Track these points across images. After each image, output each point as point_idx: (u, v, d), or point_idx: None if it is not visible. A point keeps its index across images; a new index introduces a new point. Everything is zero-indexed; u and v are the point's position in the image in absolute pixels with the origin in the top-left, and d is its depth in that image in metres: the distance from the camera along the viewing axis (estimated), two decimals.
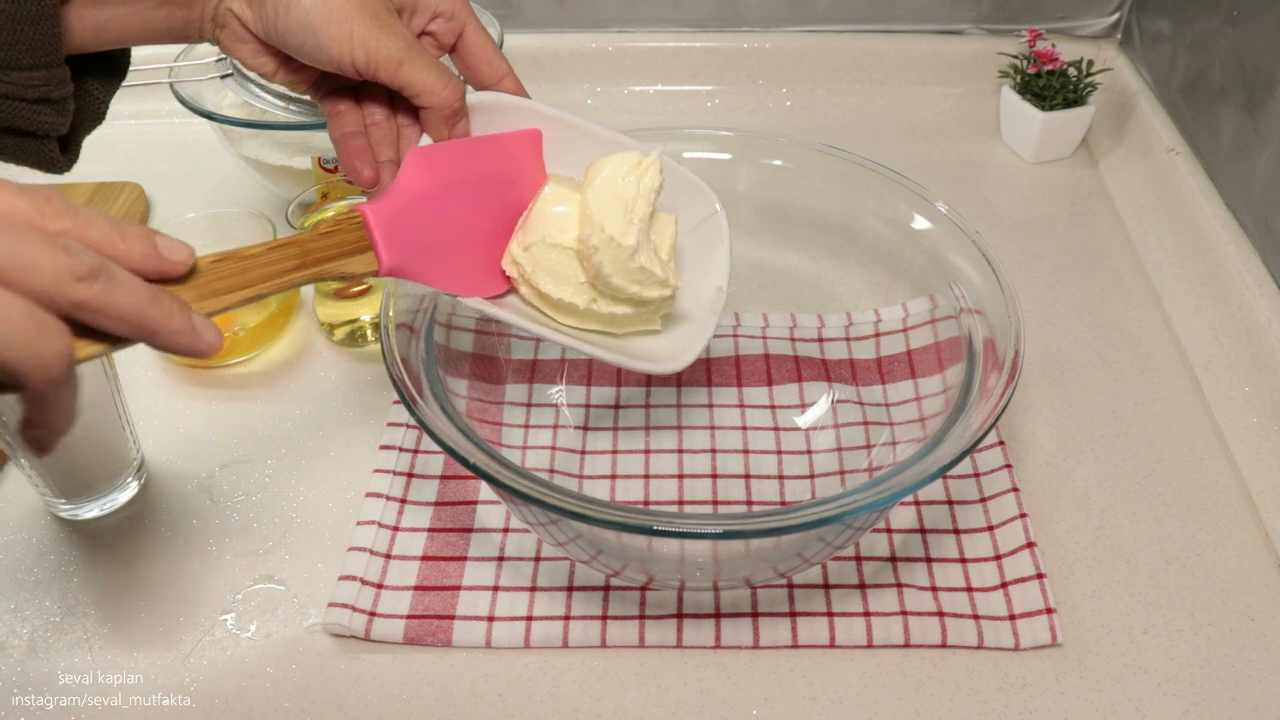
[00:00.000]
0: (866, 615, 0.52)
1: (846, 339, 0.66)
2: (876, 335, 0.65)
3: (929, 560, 0.55)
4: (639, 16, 0.95)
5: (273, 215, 0.74)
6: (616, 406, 0.64)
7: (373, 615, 0.53)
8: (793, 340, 0.67)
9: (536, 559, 0.56)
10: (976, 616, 0.52)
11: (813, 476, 0.60)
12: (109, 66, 0.46)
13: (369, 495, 0.58)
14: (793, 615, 0.52)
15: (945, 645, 0.51)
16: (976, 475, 0.59)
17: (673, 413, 0.64)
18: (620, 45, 0.96)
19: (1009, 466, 0.59)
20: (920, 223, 0.59)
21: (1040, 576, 0.53)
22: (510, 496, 0.47)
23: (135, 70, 0.48)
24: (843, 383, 0.64)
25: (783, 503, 0.59)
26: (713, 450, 0.61)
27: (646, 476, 0.60)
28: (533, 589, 0.54)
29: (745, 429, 0.63)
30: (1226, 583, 0.55)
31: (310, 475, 0.62)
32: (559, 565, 0.55)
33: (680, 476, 0.60)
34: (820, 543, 0.49)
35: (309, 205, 0.70)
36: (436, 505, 0.58)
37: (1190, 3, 0.79)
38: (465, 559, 0.56)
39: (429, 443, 0.61)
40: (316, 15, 0.42)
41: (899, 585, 0.54)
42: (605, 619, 0.52)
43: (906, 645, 0.52)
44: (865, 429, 0.60)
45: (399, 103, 0.48)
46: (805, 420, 0.63)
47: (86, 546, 0.58)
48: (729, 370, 0.66)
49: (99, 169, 0.87)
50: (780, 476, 0.60)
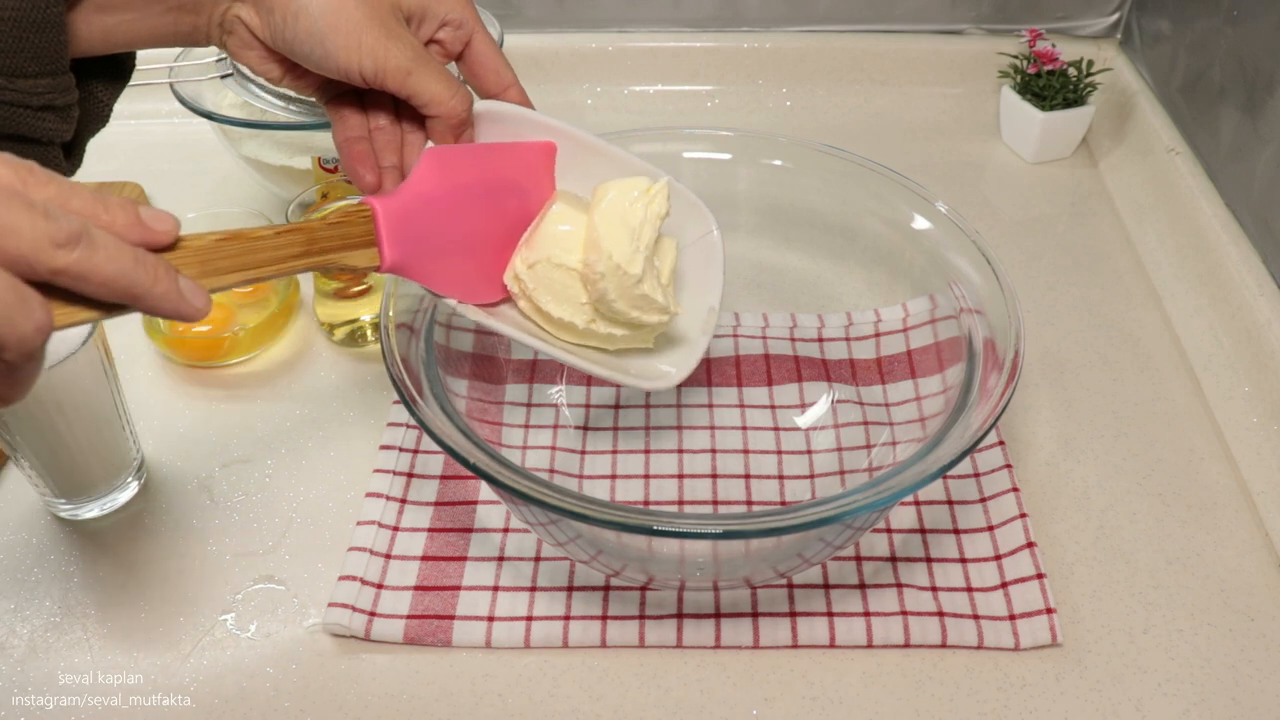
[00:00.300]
0: (866, 615, 0.52)
1: (846, 339, 0.66)
2: (876, 335, 0.65)
3: (929, 560, 0.55)
4: (639, 16, 0.95)
5: (273, 215, 0.74)
6: (616, 406, 0.64)
7: (373, 615, 0.53)
8: (793, 340, 0.67)
9: (536, 559, 0.56)
10: (976, 616, 0.52)
11: (813, 476, 0.60)
12: (114, 69, 0.46)
13: (369, 495, 0.58)
14: (793, 615, 0.52)
15: (945, 645, 0.51)
16: (976, 475, 0.59)
17: (673, 413, 0.64)
18: (620, 45, 0.96)
19: (1009, 466, 0.59)
20: (920, 223, 0.59)
21: (1040, 576, 0.53)
22: (510, 496, 0.47)
23: (136, 70, 0.48)
24: (843, 383, 0.64)
25: (783, 503, 0.59)
26: (713, 450, 0.61)
27: (646, 476, 0.60)
28: (533, 589, 0.54)
29: (745, 429, 0.63)
30: (1226, 583, 0.55)
31: (310, 475, 0.62)
32: (559, 565, 0.55)
33: (680, 476, 0.60)
34: (820, 543, 0.49)
35: (309, 205, 0.70)
36: (436, 505, 0.59)
37: (1190, 3, 0.79)
38: (465, 559, 0.56)
39: (429, 443, 0.61)
40: (325, 24, 0.42)
41: (899, 585, 0.54)
42: (605, 619, 0.52)
43: (906, 645, 0.52)
44: (865, 429, 0.60)
45: (404, 109, 0.48)
46: (805, 420, 0.63)
47: (86, 546, 0.58)
48: (729, 370, 0.66)
49: (99, 169, 0.87)
50: (780, 476, 0.60)
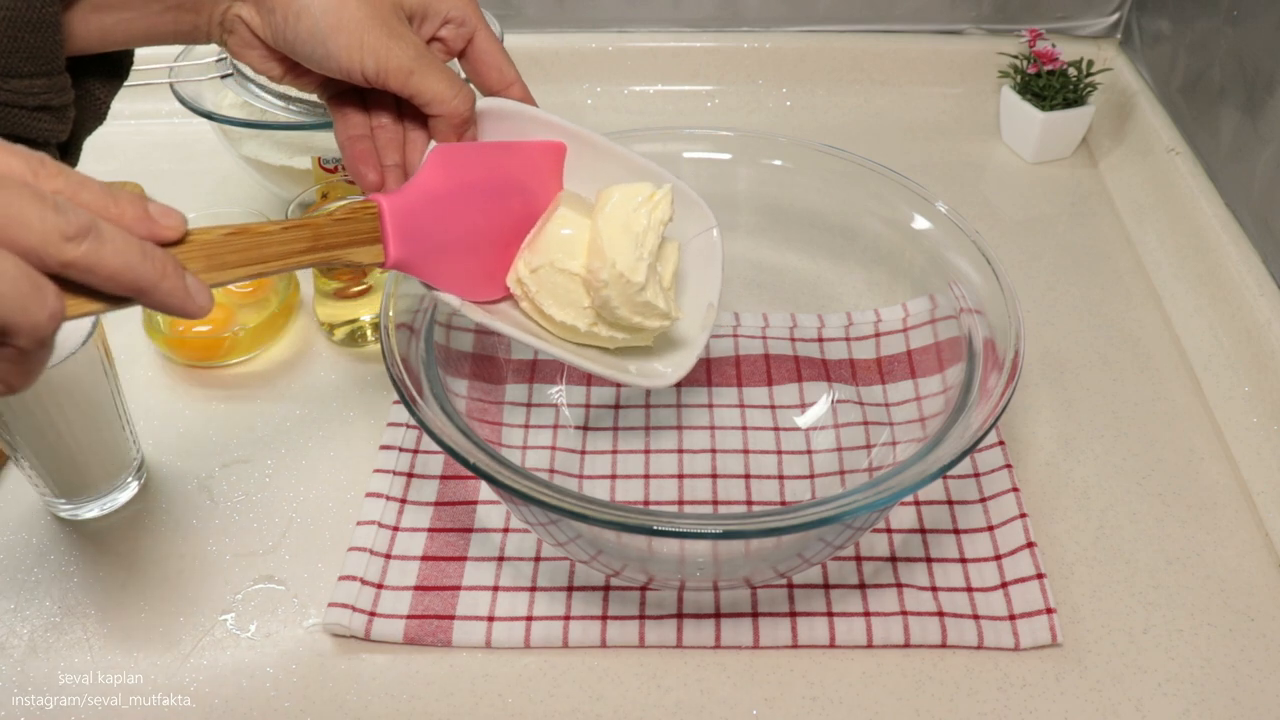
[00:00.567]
0: (866, 615, 0.52)
1: (846, 339, 0.66)
2: (876, 335, 0.65)
3: (929, 560, 0.55)
4: (639, 16, 0.95)
5: (273, 215, 0.74)
6: (616, 406, 0.64)
7: (373, 615, 0.53)
8: (793, 340, 0.67)
9: (536, 559, 0.56)
10: (976, 616, 0.52)
11: (813, 476, 0.60)
12: (111, 67, 0.45)
13: (369, 495, 0.58)
14: (793, 615, 0.52)
15: (945, 645, 0.51)
16: (976, 475, 0.59)
17: (673, 413, 0.64)
18: (620, 45, 0.96)
19: (1009, 466, 0.59)
20: (920, 223, 0.59)
21: (1040, 576, 0.53)
22: (510, 496, 0.47)
23: (135, 70, 0.47)
24: (843, 383, 0.64)
25: (783, 503, 0.59)
26: (713, 450, 0.61)
27: (646, 476, 0.60)
28: (533, 589, 0.54)
29: (745, 429, 0.63)
30: (1226, 583, 0.55)
31: (310, 475, 0.62)
32: (559, 565, 0.55)
33: (680, 476, 0.60)
34: (820, 543, 0.49)
35: (309, 205, 0.70)
36: (436, 505, 0.58)
37: (1190, 3, 0.79)
38: (465, 559, 0.56)
39: (429, 443, 0.61)
40: (327, 24, 0.42)
41: (899, 585, 0.54)
42: (605, 619, 0.52)
43: (906, 645, 0.52)
44: (865, 429, 0.60)
45: (407, 107, 0.48)
46: (805, 420, 0.63)
47: (86, 546, 0.58)
48: (729, 370, 0.66)
49: (99, 169, 0.87)
50: (780, 476, 0.60)
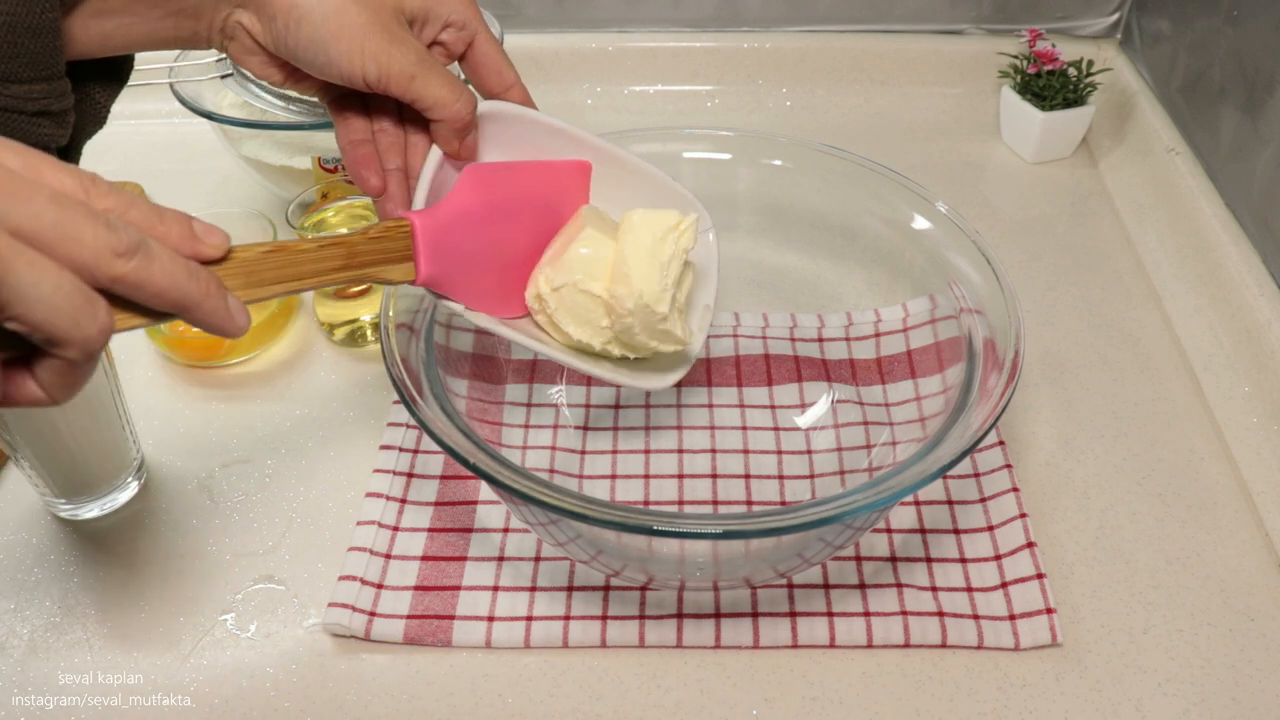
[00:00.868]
0: (866, 615, 0.52)
1: (846, 339, 0.66)
2: (876, 335, 0.65)
3: (929, 560, 0.55)
4: (639, 16, 0.95)
5: (273, 215, 0.73)
6: (616, 406, 0.64)
7: (373, 615, 0.53)
8: (793, 340, 0.67)
9: (536, 559, 0.56)
10: (976, 616, 0.52)
11: (813, 476, 0.60)
12: (111, 71, 0.45)
13: (369, 495, 0.58)
14: (793, 615, 0.52)
15: (945, 645, 0.51)
16: (976, 475, 0.59)
17: (673, 413, 0.64)
18: (620, 45, 0.96)
19: (1009, 466, 0.59)
20: (920, 223, 0.59)
21: (1040, 576, 0.53)
22: (510, 496, 0.47)
23: (135, 70, 0.47)
24: (843, 383, 0.64)
25: (783, 503, 0.59)
26: (713, 450, 0.61)
27: (646, 476, 0.60)
28: (533, 589, 0.54)
29: (745, 429, 0.63)
30: (1226, 583, 0.55)
31: (310, 475, 0.62)
32: (559, 565, 0.55)
33: (680, 476, 0.60)
34: (820, 543, 0.49)
35: (309, 205, 0.70)
36: (436, 505, 0.58)
37: (1190, 3, 0.79)
38: (465, 559, 0.56)
39: (429, 443, 0.61)
40: (328, 31, 0.42)
41: (899, 585, 0.54)
42: (605, 619, 0.52)
43: (906, 645, 0.52)
44: (865, 429, 0.60)
45: (408, 111, 0.47)
46: (805, 420, 0.63)
47: (86, 546, 0.58)
48: (729, 370, 0.66)
49: (98, 169, 0.86)
50: (780, 476, 0.60)
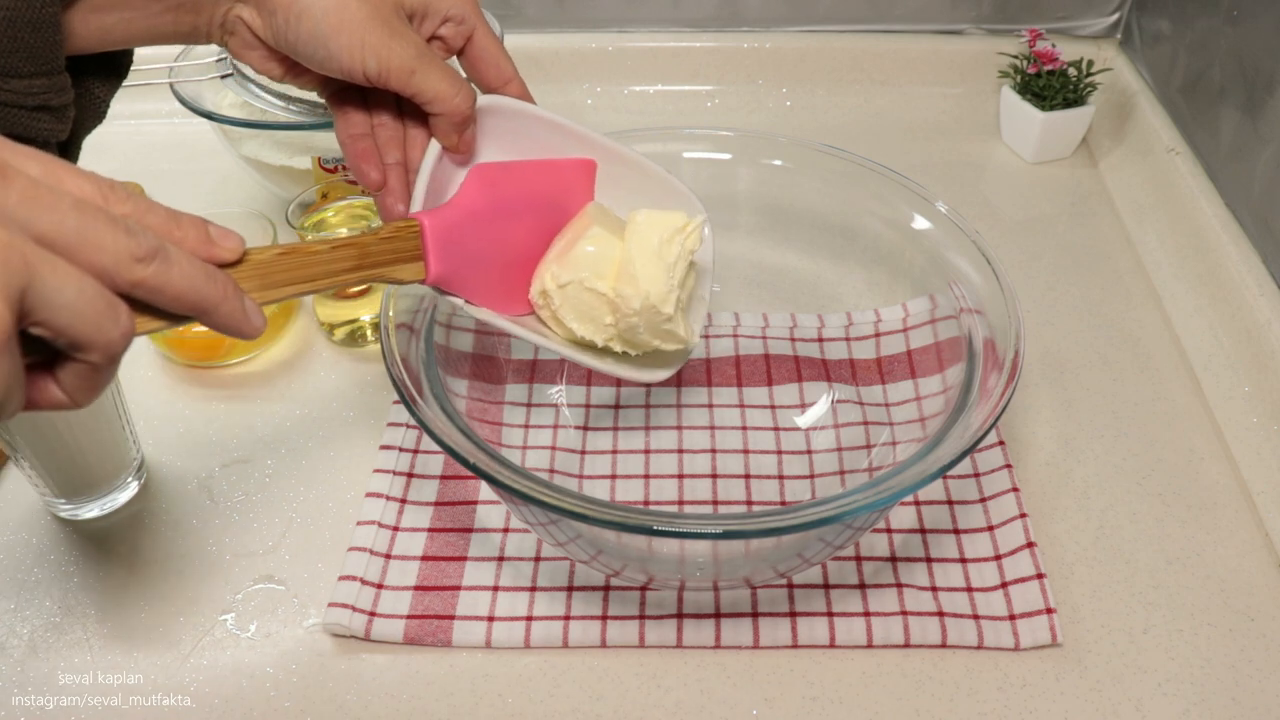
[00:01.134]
0: (866, 615, 0.52)
1: (846, 339, 0.66)
2: (876, 335, 0.65)
3: (929, 560, 0.55)
4: (639, 16, 0.95)
5: (273, 215, 0.73)
6: (616, 406, 0.64)
7: (373, 615, 0.53)
8: (793, 340, 0.67)
9: (536, 559, 0.56)
10: (976, 616, 0.52)
11: (813, 476, 0.60)
12: (111, 66, 0.45)
13: (369, 495, 0.58)
14: (793, 615, 0.52)
15: (945, 645, 0.51)
16: (976, 475, 0.59)
17: (673, 413, 0.64)
18: (620, 45, 0.96)
19: (1009, 466, 0.59)
20: (920, 223, 0.59)
21: (1040, 576, 0.53)
22: (510, 496, 0.47)
23: (135, 70, 0.47)
24: (843, 383, 0.64)
25: (783, 503, 0.59)
26: (713, 450, 0.61)
27: (646, 476, 0.60)
28: (533, 589, 0.54)
29: (745, 429, 0.63)
30: (1226, 583, 0.55)
31: (310, 475, 0.62)
32: (559, 565, 0.55)
33: (680, 476, 0.60)
34: (820, 543, 0.49)
35: (309, 205, 0.70)
36: (436, 505, 0.58)
37: (1190, 3, 0.79)
38: (465, 559, 0.56)
39: (429, 443, 0.61)
40: (328, 25, 0.42)
41: (899, 585, 0.54)
42: (605, 619, 0.52)
43: (906, 645, 0.52)
44: (865, 429, 0.60)
45: (407, 105, 0.48)
46: (805, 420, 0.63)
47: (86, 546, 0.58)
48: (729, 370, 0.66)
49: (99, 169, 0.87)
50: (780, 476, 0.60)
